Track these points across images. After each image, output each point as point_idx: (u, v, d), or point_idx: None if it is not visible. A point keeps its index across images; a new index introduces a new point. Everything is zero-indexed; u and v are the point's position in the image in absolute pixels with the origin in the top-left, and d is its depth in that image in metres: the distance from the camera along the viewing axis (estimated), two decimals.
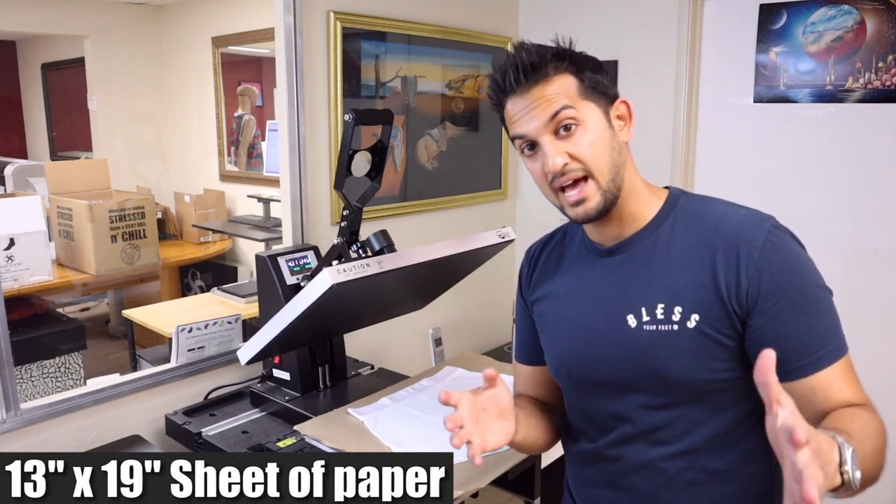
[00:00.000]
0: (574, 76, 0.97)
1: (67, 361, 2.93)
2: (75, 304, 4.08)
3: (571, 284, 1.08)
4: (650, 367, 0.97)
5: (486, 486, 1.35)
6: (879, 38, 2.13)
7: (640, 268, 0.99)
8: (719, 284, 0.93)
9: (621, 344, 0.99)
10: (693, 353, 0.94)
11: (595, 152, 0.95)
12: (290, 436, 1.64)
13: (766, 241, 0.92)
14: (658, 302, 0.96)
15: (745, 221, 0.96)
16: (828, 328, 0.92)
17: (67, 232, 3.35)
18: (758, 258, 0.92)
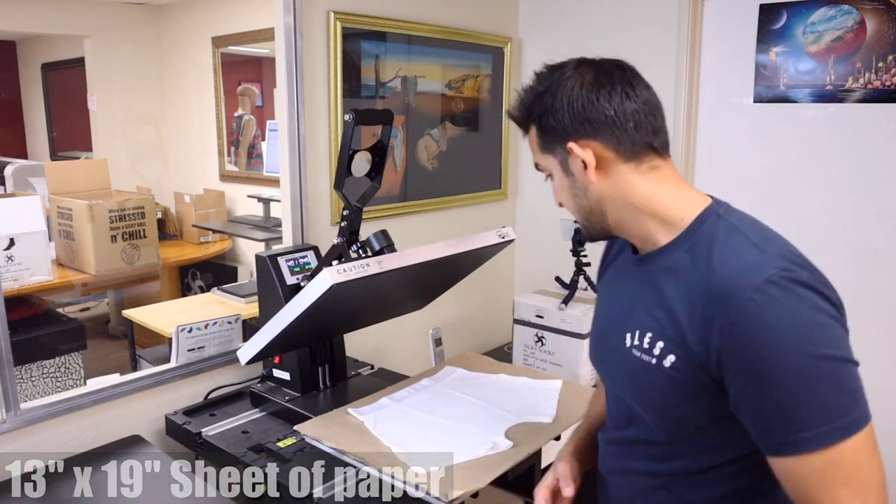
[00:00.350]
0: (535, 127, 0.99)
1: (67, 361, 2.94)
2: (75, 304, 4.08)
3: (612, 282, 1.12)
4: (635, 390, 0.99)
5: (486, 486, 1.35)
6: (879, 38, 2.13)
7: (651, 289, 0.96)
8: (691, 338, 0.88)
9: (619, 359, 1.00)
10: (666, 391, 0.92)
11: (561, 198, 1.02)
12: (290, 436, 1.64)
13: (750, 301, 0.81)
14: (648, 331, 0.94)
15: (738, 272, 0.85)
16: (820, 407, 0.80)
17: (67, 232, 3.36)
18: (733, 320, 0.82)
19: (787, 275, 0.83)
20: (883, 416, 1.02)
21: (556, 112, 0.95)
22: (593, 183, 0.96)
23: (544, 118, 0.96)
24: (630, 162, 0.95)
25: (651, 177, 0.96)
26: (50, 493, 1.49)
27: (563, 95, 0.94)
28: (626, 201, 0.96)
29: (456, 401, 1.69)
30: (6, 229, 2.91)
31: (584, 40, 2.71)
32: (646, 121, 0.94)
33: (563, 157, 0.97)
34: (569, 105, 0.94)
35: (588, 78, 0.94)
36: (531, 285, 2.81)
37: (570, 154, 0.95)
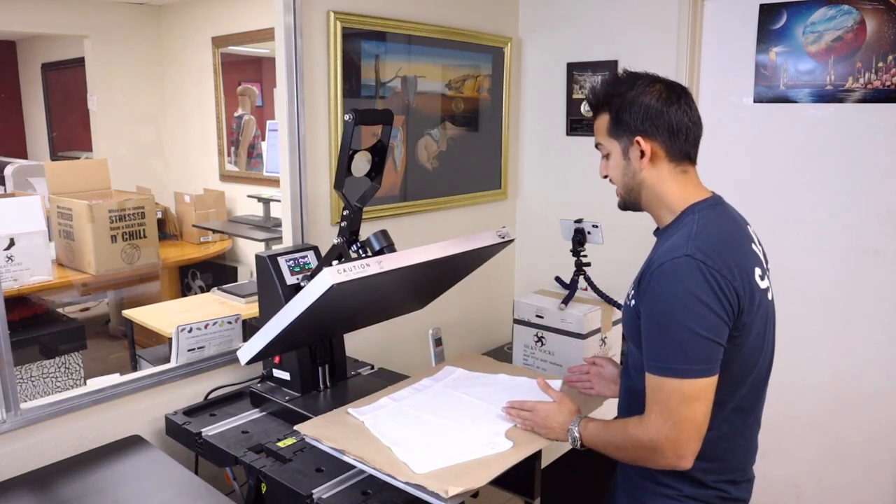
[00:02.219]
0: (609, 115, 1.29)
1: (67, 361, 2.94)
2: (75, 304, 4.07)
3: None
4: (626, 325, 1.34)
5: (486, 485, 1.35)
6: (879, 38, 2.13)
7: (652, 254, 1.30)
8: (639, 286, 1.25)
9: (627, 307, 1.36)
10: (632, 325, 1.29)
11: (611, 174, 1.34)
12: (290, 436, 1.64)
13: (657, 270, 1.19)
14: (633, 285, 1.30)
15: (666, 250, 1.21)
16: (664, 349, 1.18)
17: (67, 232, 3.36)
18: (647, 280, 1.21)
19: (689, 260, 1.17)
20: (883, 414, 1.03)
21: (633, 110, 1.26)
22: (642, 171, 1.29)
23: (622, 112, 1.27)
24: (671, 163, 1.29)
25: (678, 178, 1.30)
26: (50, 492, 1.49)
27: (642, 100, 1.26)
28: (656, 192, 1.30)
29: (456, 401, 1.69)
30: (6, 229, 2.91)
31: (584, 40, 2.72)
32: (692, 135, 1.29)
33: (626, 145, 1.29)
34: (645, 109, 1.26)
35: (663, 93, 1.26)
36: (531, 285, 2.81)
37: (633, 144, 1.27)
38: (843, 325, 2.29)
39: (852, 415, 2.30)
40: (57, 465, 1.60)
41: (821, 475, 2.39)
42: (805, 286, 2.31)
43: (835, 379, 2.32)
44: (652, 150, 1.27)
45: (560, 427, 1.41)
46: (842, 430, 2.33)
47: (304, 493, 1.41)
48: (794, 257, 2.32)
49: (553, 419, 1.43)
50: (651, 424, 1.20)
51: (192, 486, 1.51)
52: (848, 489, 2.36)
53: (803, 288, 2.31)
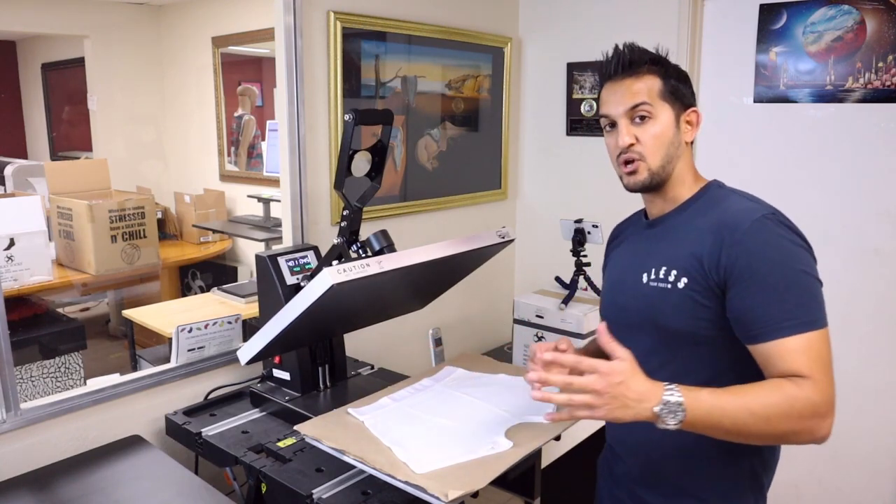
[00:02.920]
0: (661, 79, 1.22)
1: (67, 361, 2.94)
2: (75, 304, 4.07)
3: (624, 249, 1.37)
4: (651, 313, 1.22)
5: (486, 486, 1.35)
6: (879, 38, 2.13)
7: (664, 239, 1.25)
8: (703, 259, 1.15)
9: (636, 295, 1.25)
10: (680, 307, 1.17)
11: (655, 143, 1.21)
12: (290, 436, 1.64)
13: (751, 227, 1.11)
14: (663, 265, 1.21)
15: (741, 211, 1.16)
16: (797, 304, 1.06)
17: (67, 232, 3.36)
18: (738, 240, 1.11)
19: (777, 217, 1.14)
20: (883, 413, 1.03)
21: (687, 80, 1.25)
22: (688, 142, 1.25)
23: (680, 79, 1.23)
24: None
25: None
26: (50, 492, 1.49)
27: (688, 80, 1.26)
28: (689, 164, 1.26)
29: (456, 401, 1.69)
30: (6, 229, 2.91)
31: (584, 40, 2.72)
32: None
33: (678, 112, 1.23)
34: (689, 82, 1.26)
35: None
36: (531, 285, 2.81)
37: (689, 114, 1.24)
38: (843, 324, 2.28)
39: (852, 415, 2.30)
40: (57, 465, 1.60)
41: (821, 475, 2.39)
42: None
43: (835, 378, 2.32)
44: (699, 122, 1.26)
45: (642, 396, 1.00)
46: (842, 431, 2.32)
47: (304, 493, 1.41)
48: None
49: (630, 386, 1.00)
50: (821, 385, 1.02)
51: (192, 486, 1.51)
52: (848, 489, 2.36)
53: None
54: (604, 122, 1.25)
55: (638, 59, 1.22)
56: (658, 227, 1.28)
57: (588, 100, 2.72)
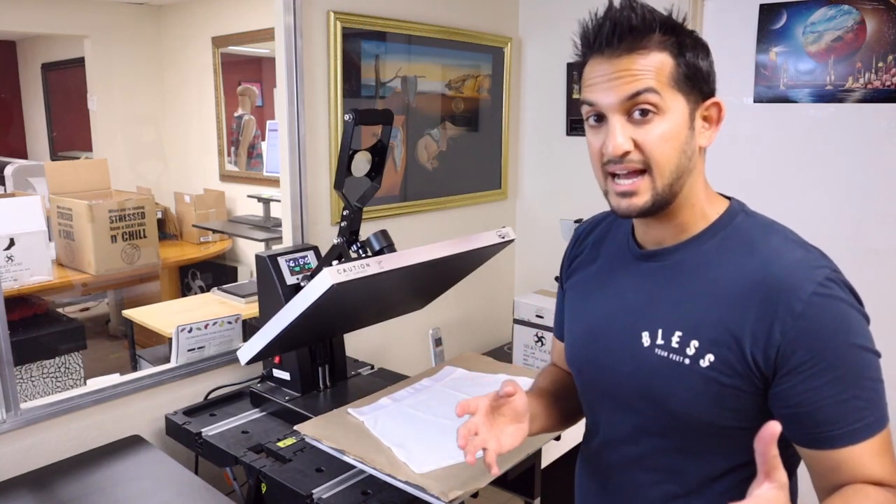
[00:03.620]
0: (673, 58, 0.84)
1: (67, 361, 2.93)
2: (75, 304, 4.08)
3: (603, 279, 1.01)
4: (651, 393, 0.91)
5: (486, 486, 1.35)
6: (879, 38, 2.13)
7: (673, 285, 0.91)
8: (744, 332, 0.83)
9: (629, 360, 0.93)
10: (698, 392, 0.87)
11: (664, 149, 0.84)
12: (290, 436, 1.64)
13: (815, 294, 0.81)
14: (677, 328, 0.88)
15: (797, 266, 0.84)
16: (869, 399, 0.82)
17: (67, 232, 3.36)
18: (800, 313, 0.80)
19: (839, 276, 0.85)
20: None
21: (708, 59, 0.88)
22: (703, 147, 0.89)
23: (698, 56, 0.86)
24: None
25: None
26: (50, 492, 1.49)
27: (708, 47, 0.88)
28: (702, 177, 0.91)
29: (456, 401, 1.68)
30: (6, 229, 2.91)
31: None
32: None
33: (694, 106, 0.86)
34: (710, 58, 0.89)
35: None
36: (531, 285, 2.81)
37: (708, 107, 0.88)
38: None
39: None
40: (57, 465, 1.60)
41: None
42: None
43: None
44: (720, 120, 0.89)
45: None
46: None
47: (304, 493, 1.41)
48: None
49: None
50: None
51: (192, 486, 1.51)
52: None
53: None
54: (587, 111, 0.89)
55: (643, 23, 0.84)
56: (661, 263, 0.93)
57: None
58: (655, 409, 0.91)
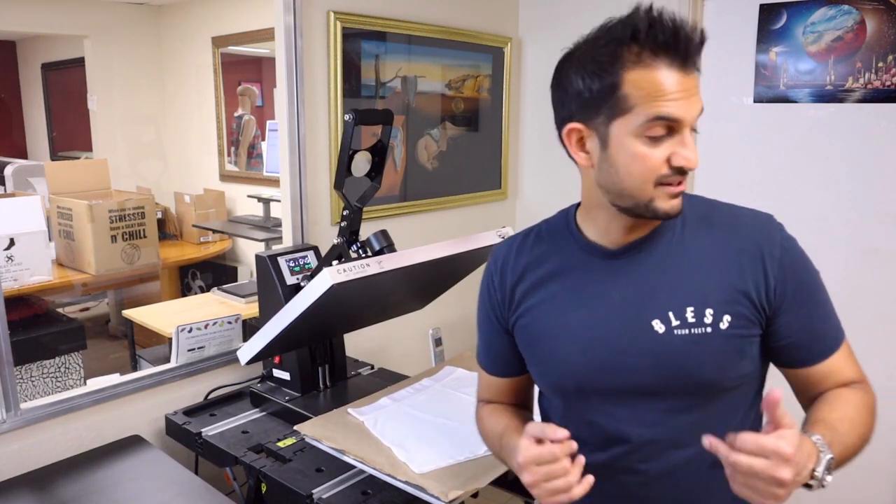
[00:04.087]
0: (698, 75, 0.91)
1: (67, 361, 2.93)
2: (75, 304, 4.08)
3: (570, 291, 1.00)
4: (682, 372, 0.94)
5: (486, 486, 1.35)
6: (879, 38, 2.13)
7: (658, 271, 0.96)
8: (748, 285, 0.93)
9: (647, 351, 0.94)
10: (725, 353, 0.93)
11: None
12: (290, 436, 1.65)
13: (783, 242, 0.96)
14: (686, 305, 0.93)
15: (757, 222, 0.98)
16: (832, 316, 0.99)
17: (67, 232, 3.36)
18: (779, 259, 0.94)
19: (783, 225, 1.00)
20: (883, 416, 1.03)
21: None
22: None
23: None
24: None
25: None
26: (50, 493, 1.49)
27: None
28: None
29: (456, 401, 1.69)
30: (6, 229, 2.91)
31: None
32: None
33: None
34: None
35: None
36: None
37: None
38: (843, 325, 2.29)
39: None
40: (57, 465, 1.60)
41: None
42: None
43: None
44: None
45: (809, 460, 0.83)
46: None
47: (304, 493, 1.41)
48: None
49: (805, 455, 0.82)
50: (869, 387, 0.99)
51: (192, 486, 1.51)
52: (848, 489, 2.36)
53: None
54: (659, 124, 0.86)
55: (696, 49, 0.89)
56: (634, 257, 0.97)
57: None
58: (685, 387, 0.95)
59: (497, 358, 1.12)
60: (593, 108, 0.89)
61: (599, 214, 0.99)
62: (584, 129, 0.92)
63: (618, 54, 0.86)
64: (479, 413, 1.17)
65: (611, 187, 0.93)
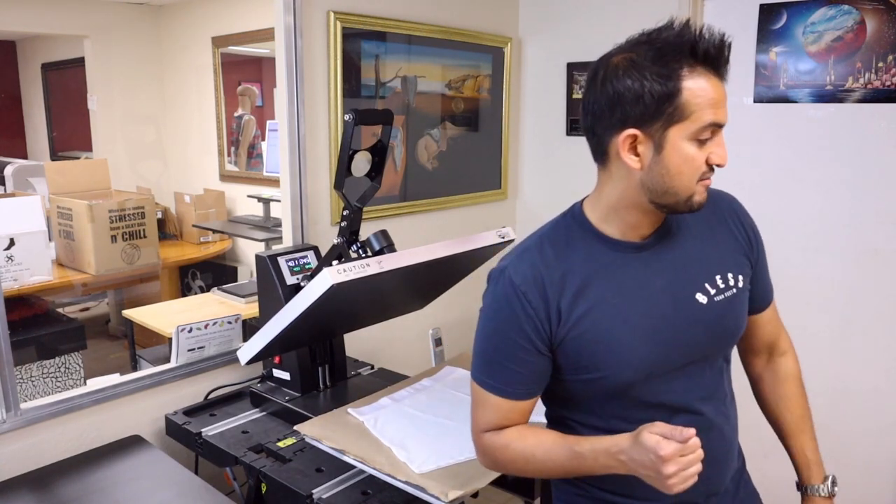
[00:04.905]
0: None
1: (67, 361, 2.94)
2: (75, 304, 4.08)
3: (615, 291, 1.04)
4: (727, 332, 1.11)
5: (486, 486, 1.35)
6: (879, 38, 2.13)
7: (682, 252, 1.08)
8: (742, 247, 1.13)
9: (698, 321, 1.06)
10: (744, 306, 1.13)
11: None
12: (290, 436, 1.65)
13: (745, 211, 1.17)
14: (715, 274, 1.09)
15: (725, 197, 1.17)
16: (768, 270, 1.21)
17: (67, 232, 3.36)
18: (751, 224, 1.16)
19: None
20: (883, 415, 1.03)
21: None
22: None
23: None
24: None
25: None
26: (50, 493, 1.49)
27: None
28: None
29: (456, 401, 1.69)
30: (6, 229, 2.91)
31: (584, 40, 2.71)
32: None
33: None
34: None
35: None
36: None
37: None
38: (843, 324, 2.28)
39: (852, 415, 2.30)
40: (57, 465, 1.60)
41: None
42: (805, 286, 2.31)
43: (835, 379, 2.32)
44: None
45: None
46: (842, 431, 2.33)
47: (304, 493, 1.41)
48: (794, 257, 2.32)
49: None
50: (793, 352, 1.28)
51: (192, 486, 1.51)
52: (848, 489, 2.36)
53: (803, 288, 2.31)
54: (708, 129, 0.95)
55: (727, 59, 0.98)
56: (654, 247, 1.07)
57: None
58: (728, 345, 1.14)
59: (527, 380, 1.08)
60: (652, 114, 0.95)
61: (630, 213, 1.05)
62: (640, 135, 0.97)
63: (678, 65, 0.95)
64: (493, 441, 1.10)
65: (657, 187, 0.99)
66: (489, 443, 1.11)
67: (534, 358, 1.06)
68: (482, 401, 1.10)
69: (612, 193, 1.05)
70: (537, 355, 1.06)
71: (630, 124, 0.96)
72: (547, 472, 1.10)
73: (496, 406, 1.09)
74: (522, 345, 1.05)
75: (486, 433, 1.11)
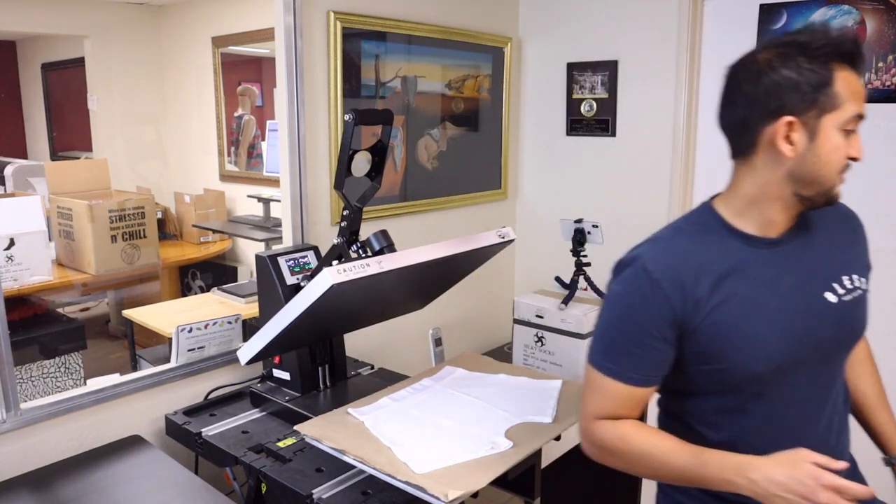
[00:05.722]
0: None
1: (67, 361, 2.94)
2: (75, 304, 4.08)
3: (750, 284, 1.07)
4: (853, 333, 1.16)
5: (486, 486, 1.35)
6: (879, 38, 2.13)
7: (811, 251, 1.12)
8: (861, 250, 1.21)
9: (828, 320, 1.10)
10: (867, 308, 1.18)
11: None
12: (290, 436, 1.65)
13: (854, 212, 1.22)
14: (842, 275, 1.13)
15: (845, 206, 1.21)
16: None
17: (67, 232, 3.36)
18: (860, 224, 1.23)
19: None
20: None
21: None
22: None
23: None
24: None
25: None
26: (50, 493, 1.49)
27: None
28: None
29: (456, 401, 1.69)
30: (6, 229, 2.91)
31: (584, 40, 2.72)
32: None
33: None
34: None
35: None
36: (531, 285, 2.81)
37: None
38: None
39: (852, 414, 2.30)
40: (57, 465, 1.60)
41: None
42: None
43: None
44: None
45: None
46: None
47: (304, 493, 1.41)
48: None
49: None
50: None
51: (192, 486, 1.51)
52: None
53: None
54: (852, 120, 1.01)
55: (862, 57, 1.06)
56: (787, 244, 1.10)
57: (588, 100, 2.72)
58: (852, 344, 1.18)
59: (647, 367, 1.10)
60: (808, 101, 1.00)
61: (770, 206, 1.08)
62: (797, 122, 1.01)
63: (833, 57, 1.00)
64: (609, 430, 1.11)
65: (806, 176, 1.03)
66: (603, 431, 1.12)
67: (659, 345, 1.08)
68: (599, 386, 1.12)
69: (753, 186, 1.08)
70: (663, 343, 1.08)
71: (787, 111, 1.00)
72: (661, 473, 1.11)
73: (614, 392, 1.11)
74: (650, 331, 1.07)
75: (599, 420, 1.12)
